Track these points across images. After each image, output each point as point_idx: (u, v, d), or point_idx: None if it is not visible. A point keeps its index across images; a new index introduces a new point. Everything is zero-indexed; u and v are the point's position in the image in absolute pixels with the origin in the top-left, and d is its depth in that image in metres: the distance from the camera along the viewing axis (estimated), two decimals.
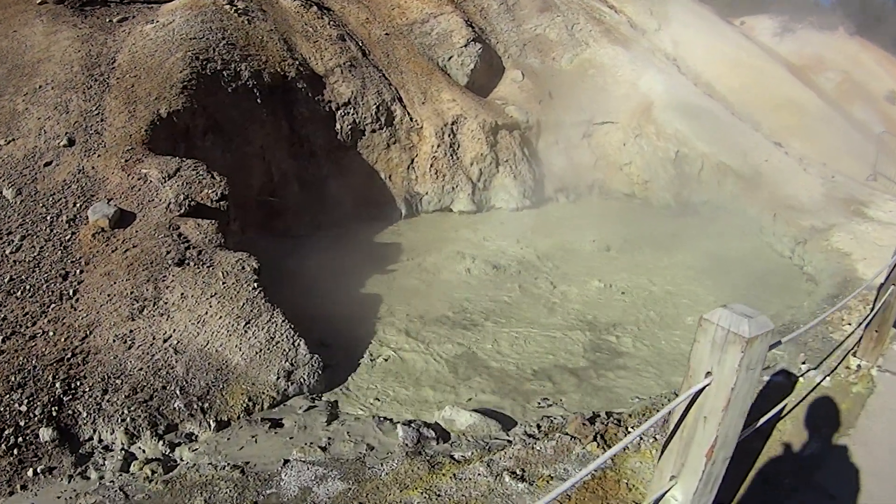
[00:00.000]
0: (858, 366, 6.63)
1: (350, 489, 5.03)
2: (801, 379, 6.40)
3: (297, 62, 12.49)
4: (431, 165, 12.89)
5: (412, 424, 6.01)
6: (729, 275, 10.92)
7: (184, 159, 9.17)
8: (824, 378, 6.42)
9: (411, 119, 13.20)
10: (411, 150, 13.08)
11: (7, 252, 7.72)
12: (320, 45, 13.21)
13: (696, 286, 10.52)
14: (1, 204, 8.31)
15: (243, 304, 7.34)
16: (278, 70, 12.08)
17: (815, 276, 10.82)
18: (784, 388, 6.25)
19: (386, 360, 7.85)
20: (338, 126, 12.61)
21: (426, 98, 13.56)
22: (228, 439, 6.04)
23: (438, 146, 12.98)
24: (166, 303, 7.27)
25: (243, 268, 7.74)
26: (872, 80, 24.40)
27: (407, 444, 5.70)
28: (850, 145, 18.09)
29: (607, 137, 14.58)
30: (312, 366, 7.02)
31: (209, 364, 6.78)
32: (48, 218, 8.20)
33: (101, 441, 6.02)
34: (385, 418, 6.42)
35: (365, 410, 6.78)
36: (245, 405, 6.50)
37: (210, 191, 8.85)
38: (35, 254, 7.72)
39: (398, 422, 6.18)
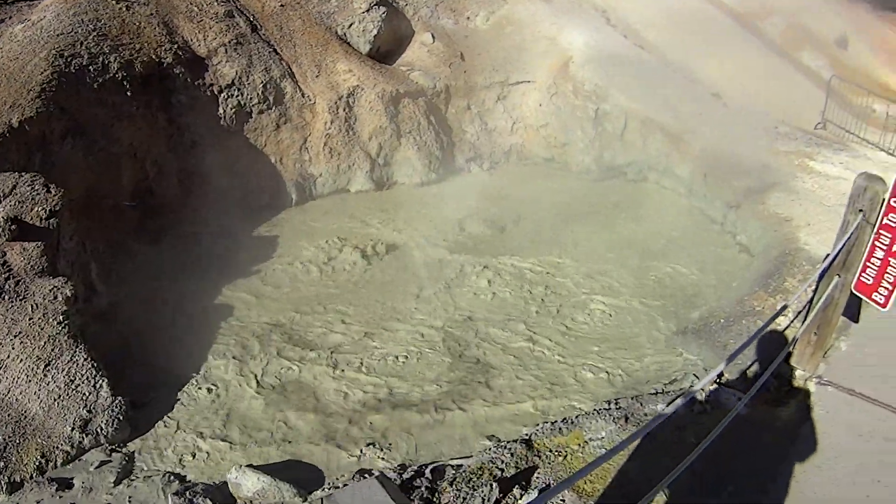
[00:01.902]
0: (791, 377, 5.47)
1: None
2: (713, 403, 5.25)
3: (177, 46, 11.49)
4: (325, 144, 11.93)
5: (188, 493, 5.43)
6: (650, 251, 9.99)
7: (21, 174, 8.42)
8: (746, 398, 4.97)
9: (303, 95, 12.20)
10: (304, 128, 12.10)
11: None
12: (205, 24, 12.17)
13: (612, 267, 9.59)
14: None
15: (45, 342, 6.80)
16: (153, 57, 11.12)
17: (749, 247, 9.74)
18: (688, 421, 5.04)
19: (209, 391, 7.17)
20: (221, 110, 11.66)
21: (320, 71, 12.53)
22: None
23: (332, 122, 12.00)
24: None
25: (55, 297, 7.16)
26: (821, 25, 23.03)
27: None
28: (796, 93, 16.91)
29: (524, 98, 13.51)
30: (113, 411, 6.49)
31: (8, 416, 6.34)
32: None
33: None
34: (176, 477, 5.93)
35: (164, 464, 6.21)
36: (38, 463, 6.08)
37: (40, 208, 8.10)
38: None
39: (185, 486, 5.63)
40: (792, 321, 6.39)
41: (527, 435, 5.34)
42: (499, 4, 14.92)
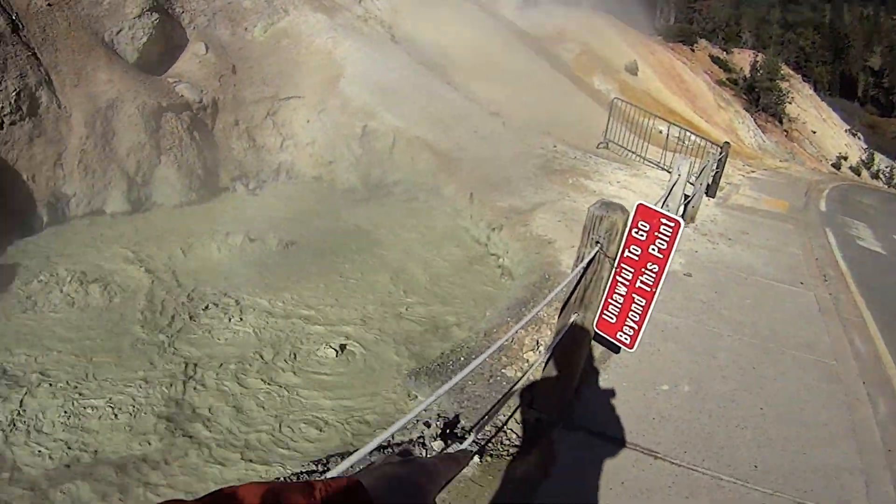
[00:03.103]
0: (534, 423, 4.80)
1: None
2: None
3: None
4: (80, 161, 11.99)
5: None
6: (412, 280, 9.89)
7: None
8: (476, 454, 4.36)
9: (59, 106, 12.14)
10: (59, 143, 12.07)
11: None
12: None
13: (368, 301, 9.15)
14: None
15: None
16: None
17: (511, 270, 9.67)
18: None
19: None
20: None
21: (80, 80, 12.47)
22: None
23: (88, 136, 12.07)
24: None
25: None
26: (615, 54, 25.22)
27: None
28: (584, 114, 18.60)
29: (294, 114, 14.17)
30: None
31: None
32: None
33: None
34: None
35: None
36: None
37: None
38: None
39: None
40: (544, 358, 5.83)
41: None
42: (279, 16, 15.32)
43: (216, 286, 9.99)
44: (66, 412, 7.27)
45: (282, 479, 4.77)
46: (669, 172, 12.53)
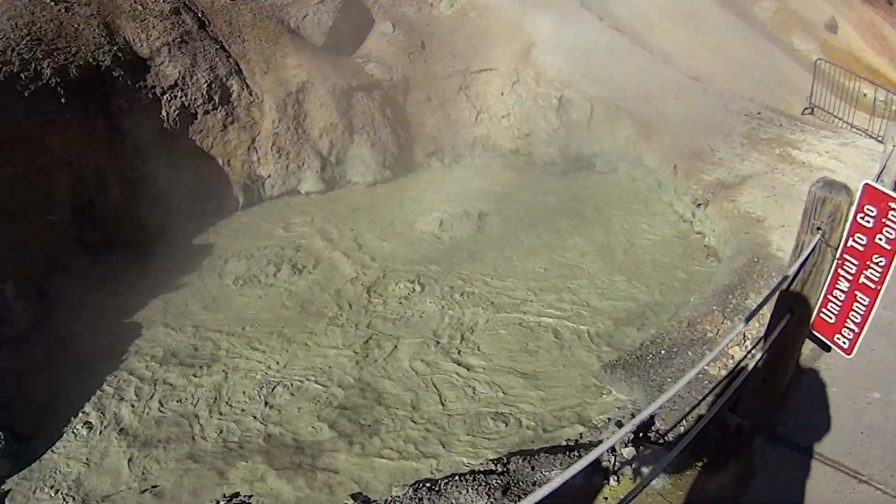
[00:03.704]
0: (735, 431, 4.30)
1: None
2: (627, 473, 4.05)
3: (117, 48, 10.99)
4: (273, 143, 11.42)
5: None
6: (612, 258, 9.10)
7: None
8: (663, 464, 3.40)
9: (250, 93, 11.67)
10: (252, 128, 11.58)
11: None
12: (148, 23, 11.64)
13: (563, 280, 8.65)
14: None
15: None
16: (91, 61, 10.64)
17: (717, 250, 8.80)
18: (587, 495, 3.88)
19: (90, 428, 6.69)
20: (164, 112, 11.17)
21: (269, 67, 11.97)
22: None
23: (281, 120, 11.47)
24: None
25: None
26: (812, 10, 22.03)
27: None
28: (784, 77, 16.03)
29: (487, 87, 12.89)
30: None
31: None
32: None
33: None
34: None
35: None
36: None
37: None
38: None
39: None
40: (750, 353, 5.37)
41: None
42: None
43: (411, 265, 9.22)
44: (252, 389, 7.02)
45: (457, 475, 4.52)
46: (880, 141, 10.54)
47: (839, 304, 3.65)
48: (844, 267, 3.57)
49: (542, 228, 10.01)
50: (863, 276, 3.48)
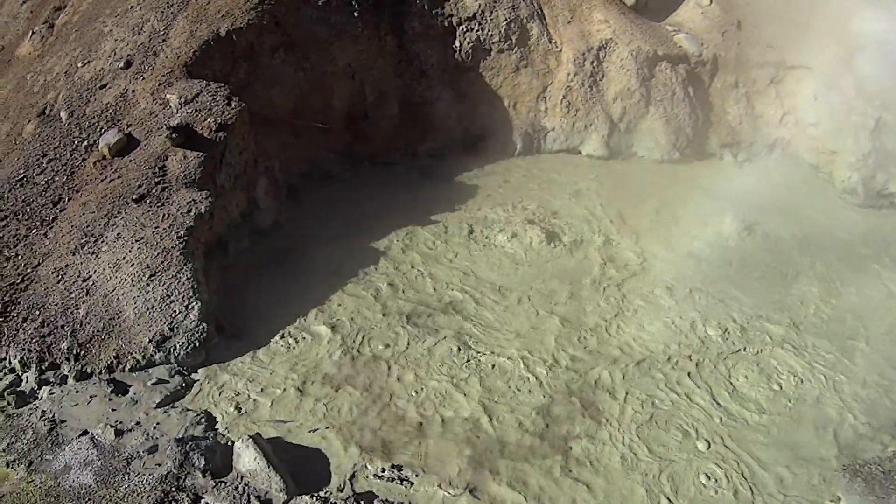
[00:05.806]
0: None
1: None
2: None
3: None
4: (564, 97, 10.78)
5: (190, 444, 5.39)
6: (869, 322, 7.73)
7: (209, 84, 8.51)
8: None
9: (550, 40, 11.08)
10: (545, 76, 11.03)
11: (33, 174, 7.98)
12: None
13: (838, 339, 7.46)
14: (55, 126, 8.65)
15: (158, 253, 6.91)
16: None
17: None
18: None
19: (289, 347, 6.82)
20: (457, 43, 10.92)
21: (573, 16, 11.28)
22: (77, 392, 5.95)
23: (576, 74, 10.81)
24: (104, 241, 7.20)
25: (189, 211, 7.26)
26: None
27: (168, 462, 5.23)
28: None
29: (799, 86, 11.36)
30: (192, 336, 6.47)
31: (106, 311, 6.62)
32: (75, 142, 8.44)
33: (4, 362, 6.19)
34: (207, 421, 5.86)
35: (208, 405, 6.09)
36: (109, 362, 6.25)
37: (212, 120, 8.04)
38: (49, 178, 8.05)
39: (196, 437, 5.60)
40: None
41: None
42: None
43: (675, 268, 8.43)
44: (459, 362, 6.77)
45: None
46: None
47: None
48: None
49: (818, 269, 8.75)
50: None
